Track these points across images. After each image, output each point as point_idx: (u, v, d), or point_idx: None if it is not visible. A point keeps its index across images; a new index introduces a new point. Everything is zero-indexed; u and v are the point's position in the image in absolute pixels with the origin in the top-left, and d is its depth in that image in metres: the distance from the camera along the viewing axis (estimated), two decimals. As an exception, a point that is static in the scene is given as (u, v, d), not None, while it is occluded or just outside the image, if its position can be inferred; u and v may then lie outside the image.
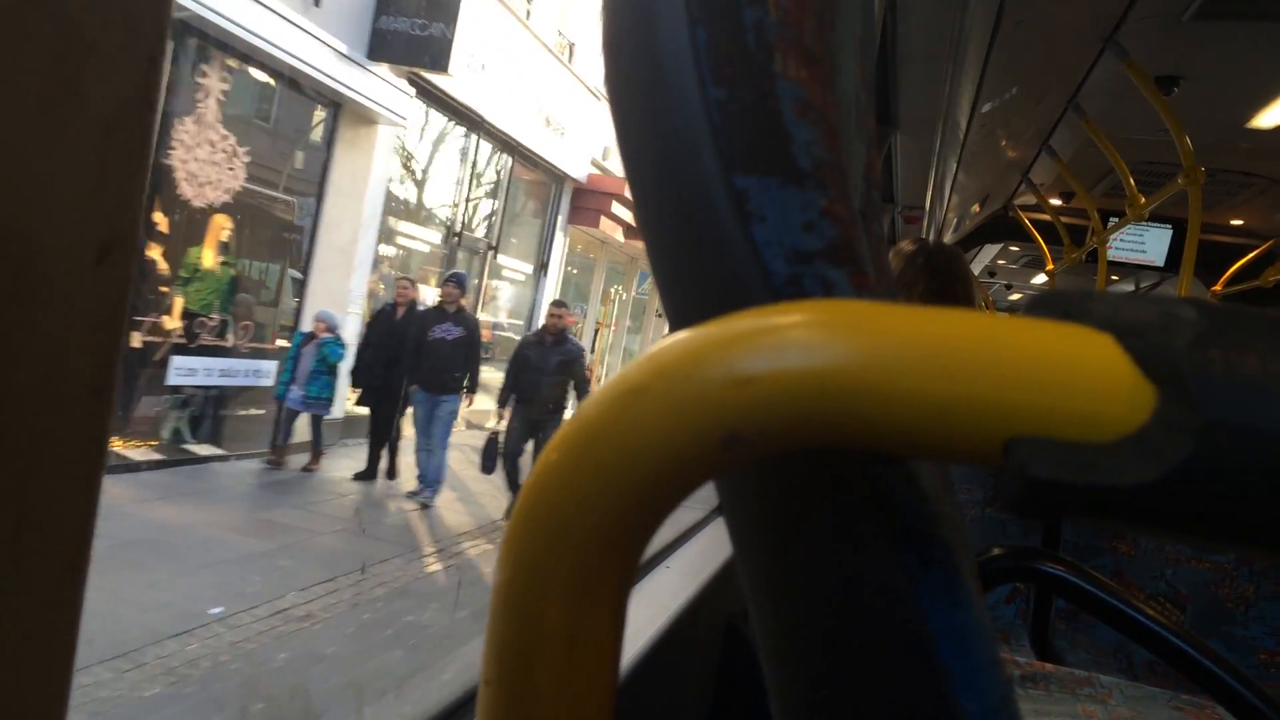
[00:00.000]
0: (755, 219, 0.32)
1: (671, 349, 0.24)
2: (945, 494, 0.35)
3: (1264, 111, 3.18)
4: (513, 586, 0.26)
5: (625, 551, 0.26)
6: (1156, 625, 1.10)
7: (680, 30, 0.32)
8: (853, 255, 0.32)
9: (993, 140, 3.79)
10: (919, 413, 0.22)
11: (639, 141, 0.35)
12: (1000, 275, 9.83)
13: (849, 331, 0.23)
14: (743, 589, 0.39)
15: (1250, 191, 4.23)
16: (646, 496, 0.25)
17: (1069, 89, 3.19)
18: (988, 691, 0.33)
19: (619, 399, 0.24)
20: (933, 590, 0.32)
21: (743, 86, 0.31)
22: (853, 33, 0.40)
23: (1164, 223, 5.10)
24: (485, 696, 0.27)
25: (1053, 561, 1.27)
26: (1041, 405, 0.21)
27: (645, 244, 0.37)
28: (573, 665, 0.26)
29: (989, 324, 0.23)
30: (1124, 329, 0.22)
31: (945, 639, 0.33)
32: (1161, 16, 2.54)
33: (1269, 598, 2.39)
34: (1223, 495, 0.21)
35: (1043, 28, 2.53)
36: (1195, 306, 0.22)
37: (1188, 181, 3.20)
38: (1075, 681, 1.70)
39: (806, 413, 0.23)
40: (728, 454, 0.24)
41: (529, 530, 0.25)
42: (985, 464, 0.23)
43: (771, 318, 0.24)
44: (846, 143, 0.35)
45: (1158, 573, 2.47)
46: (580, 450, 0.25)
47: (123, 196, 0.25)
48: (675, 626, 1.13)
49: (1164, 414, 0.21)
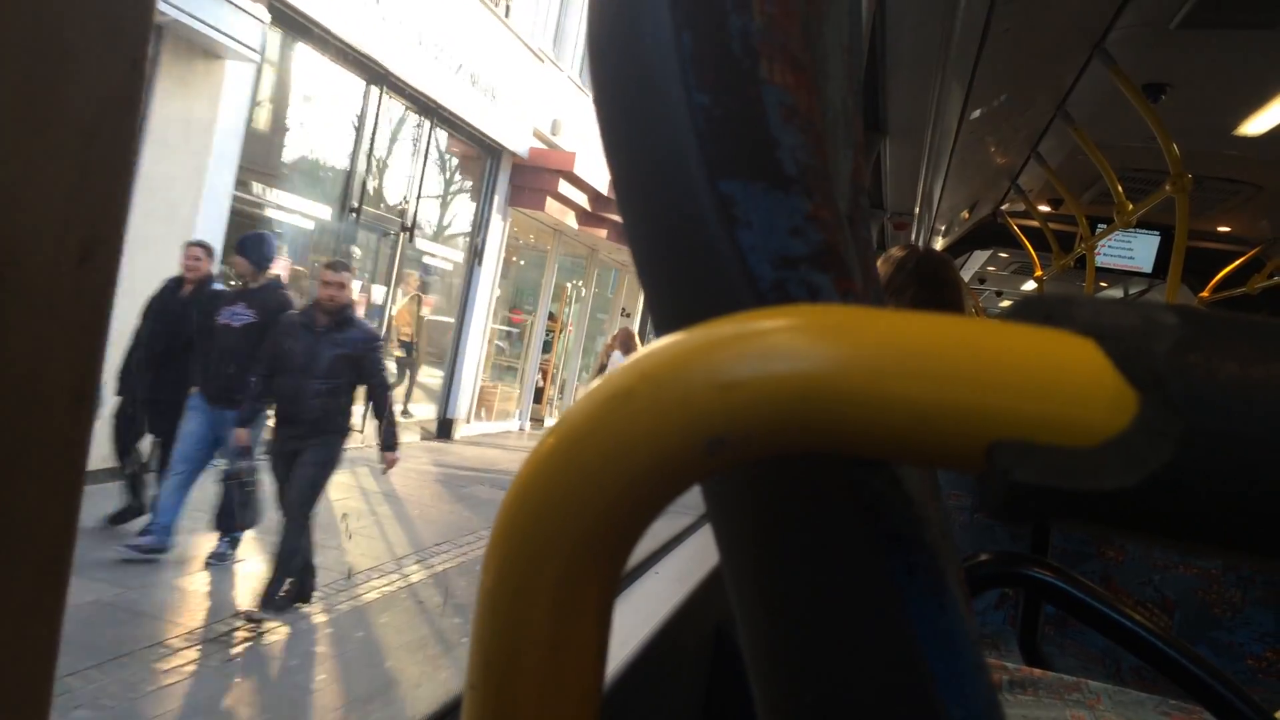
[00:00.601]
0: (741, 224, 0.32)
1: (657, 353, 0.24)
2: (930, 499, 0.35)
3: (1251, 119, 3.20)
4: (497, 591, 0.26)
5: (610, 556, 0.26)
6: (1144, 631, 1.10)
7: (666, 35, 0.32)
8: (839, 260, 0.32)
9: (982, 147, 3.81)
10: (902, 417, 0.22)
11: (625, 147, 0.35)
12: (990, 282, 9.86)
13: (833, 336, 0.23)
14: (729, 596, 0.39)
15: (1237, 199, 4.25)
16: (631, 501, 0.25)
17: (1057, 96, 3.21)
18: (974, 696, 0.33)
19: (604, 403, 0.24)
20: (918, 595, 0.33)
21: (728, 92, 0.31)
22: (840, 39, 0.40)
23: (1152, 229, 5.12)
24: (470, 702, 0.27)
25: (1041, 567, 1.27)
26: (1024, 410, 0.21)
27: (630, 249, 0.37)
28: (557, 671, 0.26)
29: (972, 329, 0.23)
30: (1105, 334, 0.22)
31: (931, 644, 0.33)
32: (1149, 24, 2.55)
33: (1255, 603, 2.40)
34: (1204, 499, 0.21)
35: (1031, 35, 2.55)
36: (1176, 312, 0.22)
37: (1175, 188, 3.22)
38: (1064, 687, 1.70)
39: (791, 417, 0.23)
40: (713, 459, 0.24)
41: (513, 535, 0.25)
42: (968, 469, 0.23)
43: (756, 322, 0.24)
44: (833, 148, 0.35)
45: (1145, 578, 2.48)
46: (565, 454, 0.25)
47: (105, 198, 0.25)
48: (664, 632, 1.12)
49: (1145, 419, 0.21)
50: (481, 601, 0.26)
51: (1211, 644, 2.38)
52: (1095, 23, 2.55)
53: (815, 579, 0.34)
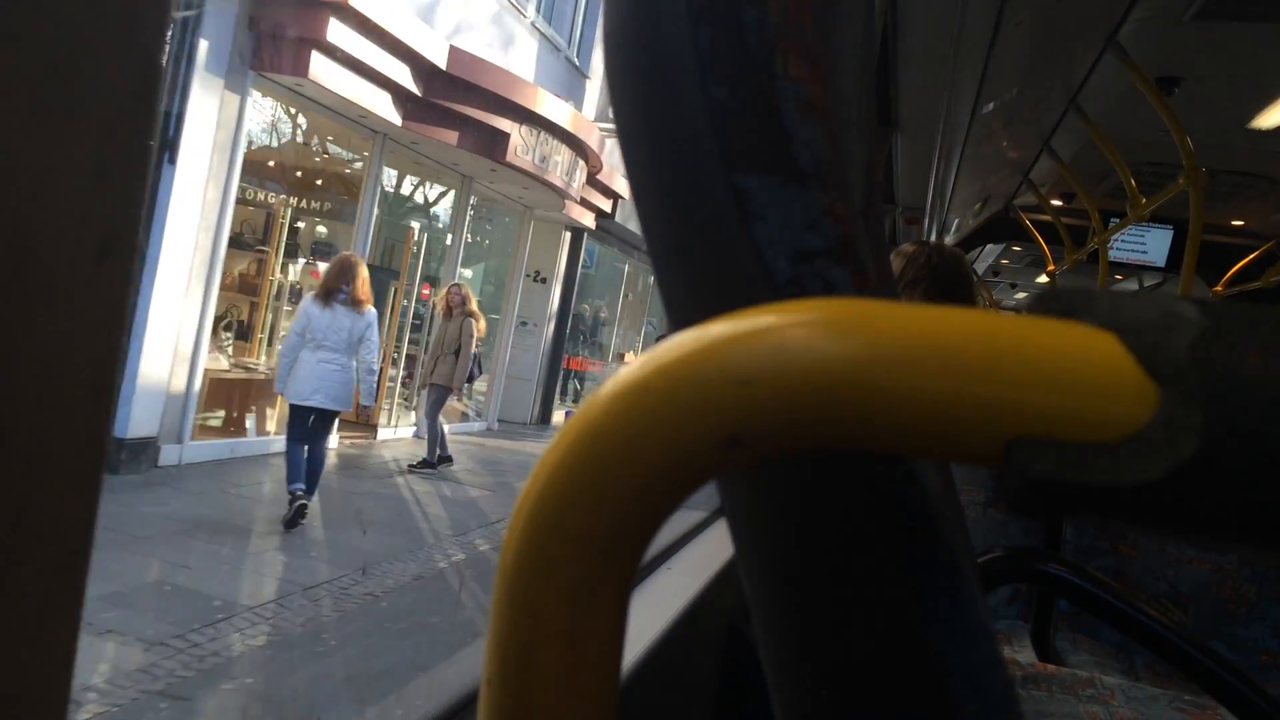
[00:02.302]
0: (757, 218, 0.32)
1: (674, 349, 0.24)
2: (947, 494, 0.35)
3: (1265, 112, 3.18)
4: (513, 586, 0.26)
5: (626, 551, 0.26)
6: (1159, 626, 1.10)
7: (682, 29, 0.32)
8: (854, 255, 0.32)
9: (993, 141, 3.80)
10: (921, 412, 0.22)
11: (641, 140, 0.35)
12: (1004, 275, 9.84)
13: (850, 331, 0.23)
14: (745, 591, 0.39)
15: (1251, 192, 4.23)
16: (648, 497, 0.25)
17: (1070, 89, 3.20)
18: (989, 691, 0.33)
19: (621, 398, 0.24)
20: (934, 590, 0.32)
21: (744, 86, 0.31)
22: (853, 33, 0.40)
23: (1165, 223, 5.10)
24: (486, 696, 0.27)
25: (1054, 563, 1.27)
26: (1044, 404, 0.21)
27: (646, 244, 0.37)
28: (574, 665, 0.26)
29: (991, 322, 0.23)
30: (1126, 328, 0.22)
31: (947, 638, 0.33)
32: (1162, 17, 2.54)
33: (1271, 598, 2.39)
34: (1225, 495, 0.20)
35: (1043, 28, 2.53)
36: (1197, 305, 0.22)
37: (1189, 182, 3.21)
38: (1077, 683, 1.69)
39: (808, 413, 0.23)
40: (730, 455, 0.24)
41: (530, 529, 0.25)
42: (988, 463, 0.22)
43: (773, 317, 0.24)
44: (847, 142, 0.35)
45: (1159, 574, 2.47)
46: (582, 449, 0.25)
47: (123, 195, 0.25)
48: (677, 628, 1.13)
49: (1166, 413, 0.21)
50: (498, 596, 0.26)
51: (1226, 639, 2.37)
52: (1108, 15, 2.54)
53: (831, 574, 0.34)
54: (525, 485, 0.26)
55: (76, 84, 0.23)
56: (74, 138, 0.23)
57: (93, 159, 0.24)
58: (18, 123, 0.22)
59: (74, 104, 0.23)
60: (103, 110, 0.24)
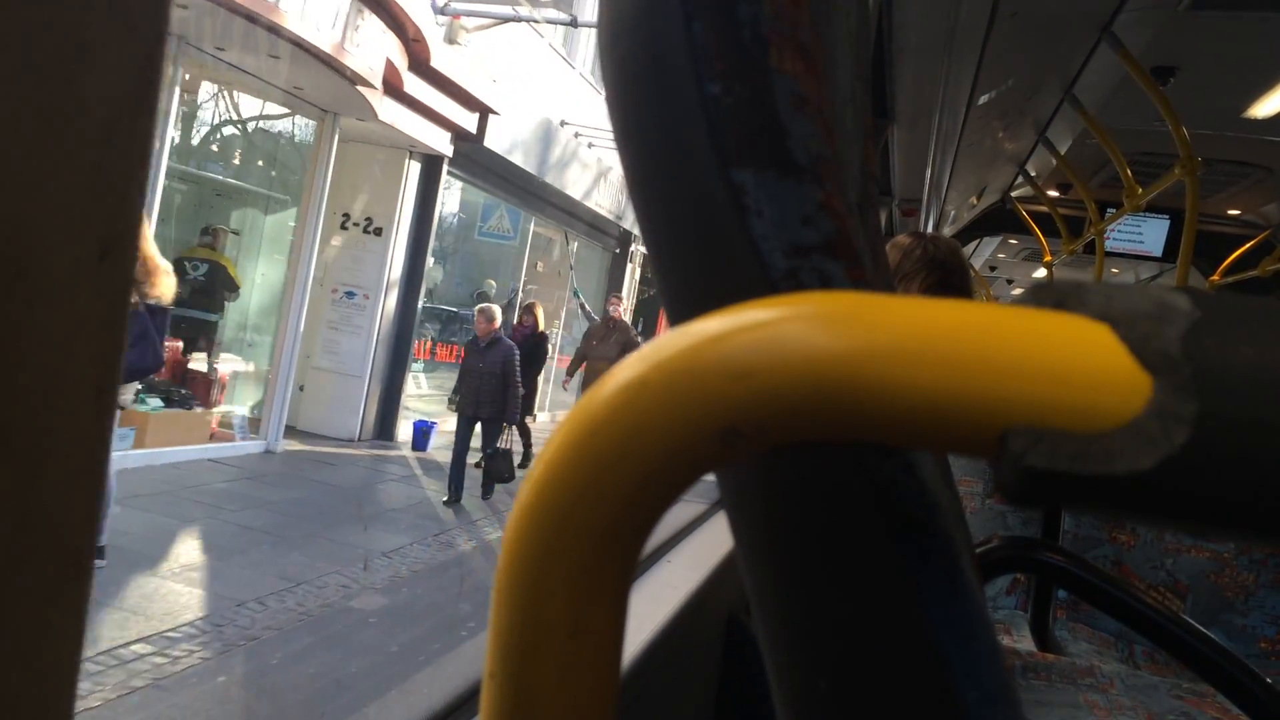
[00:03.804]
0: (752, 213, 0.32)
1: (671, 342, 0.25)
2: (944, 484, 0.35)
3: (1260, 101, 3.18)
4: (514, 579, 0.26)
5: (626, 544, 0.26)
6: (1157, 614, 1.10)
7: (676, 24, 0.32)
8: (850, 249, 0.32)
9: (989, 132, 3.79)
10: (916, 404, 0.22)
11: (636, 137, 0.36)
12: (1001, 270, 9.84)
13: (846, 324, 0.23)
14: (744, 583, 0.39)
15: (1247, 181, 4.23)
16: (647, 489, 0.25)
17: (1065, 80, 3.20)
18: (988, 680, 0.33)
19: (619, 393, 0.25)
20: (932, 580, 0.33)
21: (738, 80, 0.31)
22: (848, 26, 0.40)
23: (1161, 213, 5.10)
24: (489, 689, 0.27)
25: (1053, 552, 1.28)
26: (1038, 395, 0.21)
27: (643, 238, 0.37)
28: (575, 657, 0.26)
29: (985, 314, 0.23)
30: (1119, 318, 0.22)
31: (945, 628, 0.33)
32: (1157, 7, 2.54)
33: (1268, 586, 2.40)
34: (1219, 483, 0.21)
35: (1038, 19, 2.53)
36: (1190, 295, 0.22)
37: (1184, 172, 3.21)
38: (1076, 671, 1.70)
39: (805, 406, 0.23)
40: (727, 448, 0.24)
41: (530, 523, 0.26)
42: (983, 454, 0.23)
43: (769, 311, 0.24)
44: (843, 136, 0.35)
45: (1157, 562, 2.48)
46: (581, 443, 0.25)
47: (122, 196, 0.25)
48: (677, 621, 1.13)
49: (1160, 403, 0.21)
50: (499, 590, 0.26)
51: (1225, 627, 2.38)
52: (1103, 5, 2.54)
53: (830, 565, 0.35)
54: (525, 479, 0.27)
55: (76, 84, 0.23)
56: (74, 138, 0.23)
57: (93, 160, 0.24)
58: (17, 125, 0.22)
59: (74, 104, 0.23)
60: (103, 110, 0.24)
